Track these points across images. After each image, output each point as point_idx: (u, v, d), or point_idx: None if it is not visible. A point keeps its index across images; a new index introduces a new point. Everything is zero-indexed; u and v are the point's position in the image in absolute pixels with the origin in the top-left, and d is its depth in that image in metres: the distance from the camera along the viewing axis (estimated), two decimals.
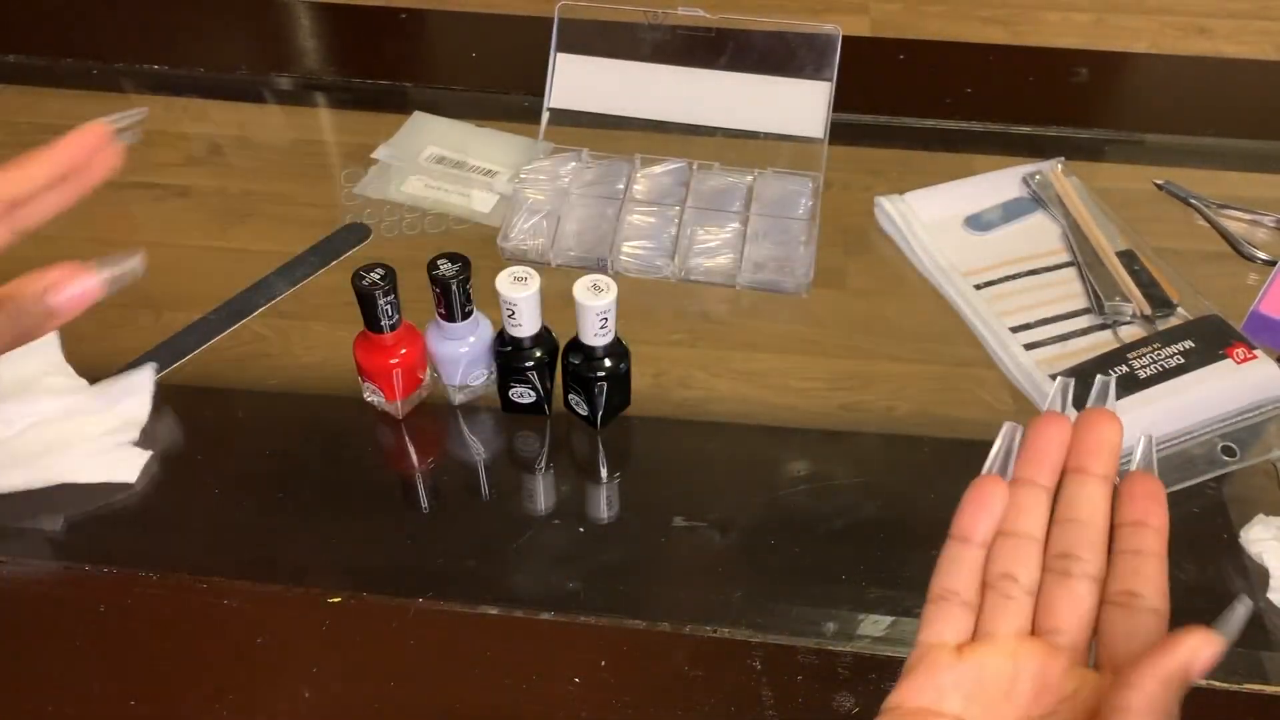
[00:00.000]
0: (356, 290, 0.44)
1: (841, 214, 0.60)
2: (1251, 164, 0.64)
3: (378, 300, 0.44)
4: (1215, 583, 0.43)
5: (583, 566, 0.44)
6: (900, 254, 0.58)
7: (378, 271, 0.44)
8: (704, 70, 0.62)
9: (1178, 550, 0.44)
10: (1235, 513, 0.46)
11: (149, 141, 0.65)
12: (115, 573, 0.43)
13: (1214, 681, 0.40)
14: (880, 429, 0.50)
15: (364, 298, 0.44)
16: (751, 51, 0.61)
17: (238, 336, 0.53)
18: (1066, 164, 0.61)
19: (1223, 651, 0.25)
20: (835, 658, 0.40)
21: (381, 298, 0.44)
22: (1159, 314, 0.52)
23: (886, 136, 0.66)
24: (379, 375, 0.47)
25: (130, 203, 0.61)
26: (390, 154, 0.63)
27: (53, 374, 0.49)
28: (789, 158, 0.61)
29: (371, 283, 0.43)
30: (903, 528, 0.45)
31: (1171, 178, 0.61)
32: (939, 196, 0.59)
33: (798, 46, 0.60)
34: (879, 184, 0.61)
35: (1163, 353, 0.49)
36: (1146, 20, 0.70)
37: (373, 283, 0.43)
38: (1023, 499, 0.29)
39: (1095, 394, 0.31)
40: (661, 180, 0.61)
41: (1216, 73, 0.72)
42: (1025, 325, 0.53)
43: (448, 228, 0.59)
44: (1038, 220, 0.59)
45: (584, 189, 0.60)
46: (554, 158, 0.62)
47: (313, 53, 0.73)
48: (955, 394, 0.51)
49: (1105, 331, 0.52)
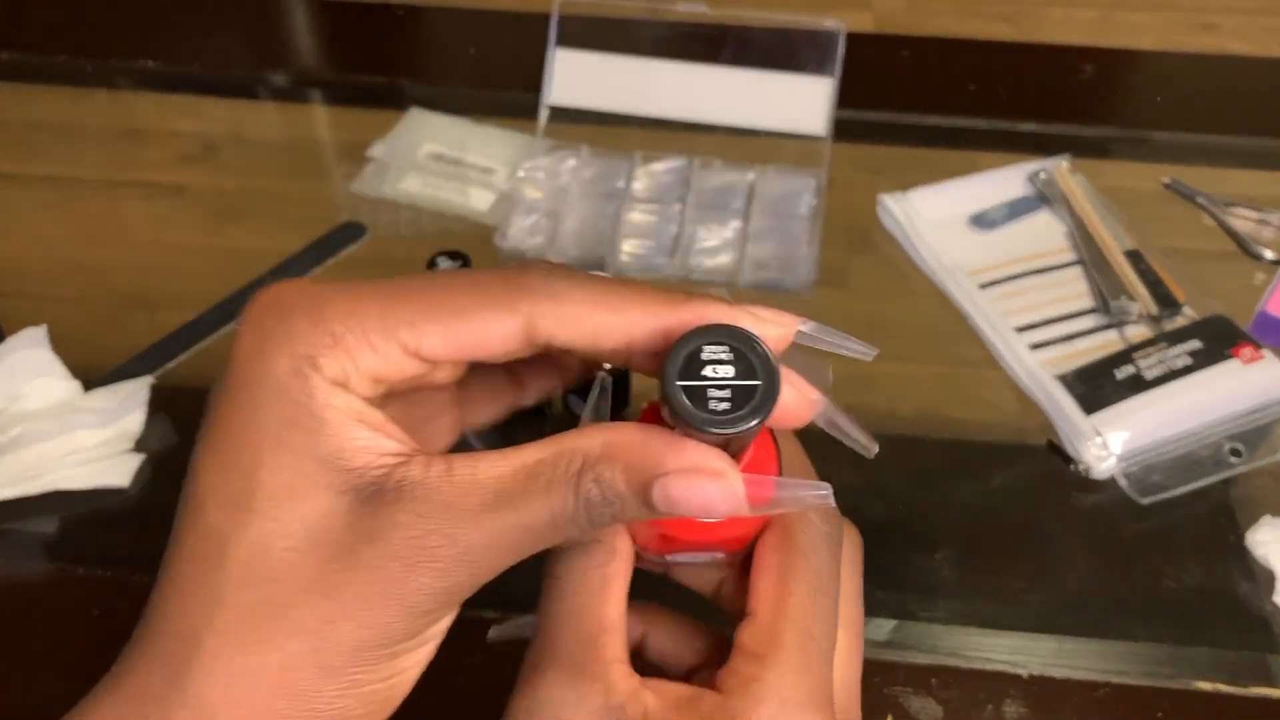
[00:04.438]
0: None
1: (844, 212, 0.59)
2: (1259, 162, 0.63)
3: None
4: (1222, 585, 0.43)
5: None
6: (904, 253, 0.57)
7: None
8: (705, 66, 0.62)
9: (1183, 552, 0.44)
10: (1242, 514, 0.45)
11: (141, 139, 0.64)
12: (108, 576, 0.42)
13: (1219, 685, 0.40)
14: (882, 430, 0.49)
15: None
16: (754, 47, 0.61)
17: (233, 337, 0.52)
18: (1072, 162, 0.60)
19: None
20: None
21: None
22: (1165, 314, 0.51)
23: (890, 134, 0.65)
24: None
25: (122, 201, 0.61)
26: (386, 151, 0.63)
27: (44, 374, 0.48)
28: (791, 155, 0.61)
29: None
30: (905, 529, 0.45)
31: (1178, 176, 0.61)
32: (943, 195, 0.59)
33: (800, 42, 0.60)
34: (882, 182, 0.60)
35: (1169, 353, 0.48)
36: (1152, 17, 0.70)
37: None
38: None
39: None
40: (662, 178, 0.60)
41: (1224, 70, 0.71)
42: (1030, 325, 0.52)
43: (445, 226, 0.59)
44: (1043, 219, 0.58)
45: (583, 186, 0.60)
46: (553, 155, 0.61)
47: (308, 49, 0.72)
48: (959, 394, 0.51)
49: (1111, 331, 0.52)
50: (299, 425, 0.19)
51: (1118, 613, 0.42)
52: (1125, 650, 0.41)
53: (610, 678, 0.22)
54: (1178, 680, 0.40)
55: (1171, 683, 0.40)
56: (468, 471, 0.19)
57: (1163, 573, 0.43)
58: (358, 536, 0.19)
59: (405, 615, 0.19)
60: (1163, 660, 0.40)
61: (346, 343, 0.20)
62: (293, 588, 0.19)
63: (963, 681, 0.39)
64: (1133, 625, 0.41)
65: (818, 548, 0.23)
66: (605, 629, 0.22)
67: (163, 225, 0.59)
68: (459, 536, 0.19)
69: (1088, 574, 0.43)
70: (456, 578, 0.19)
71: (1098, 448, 0.46)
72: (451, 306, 0.20)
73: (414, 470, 0.19)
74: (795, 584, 0.22)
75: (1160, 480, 0.46)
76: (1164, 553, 0.44)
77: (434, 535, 0.19)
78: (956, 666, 0.40)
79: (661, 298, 0.20)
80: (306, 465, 0.19)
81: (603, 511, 0.19)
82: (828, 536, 0.24)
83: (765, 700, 0.21)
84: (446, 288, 0.20)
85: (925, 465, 0.48)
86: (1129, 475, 0.46)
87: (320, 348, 0.20)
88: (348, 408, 0.20)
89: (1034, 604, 0.42)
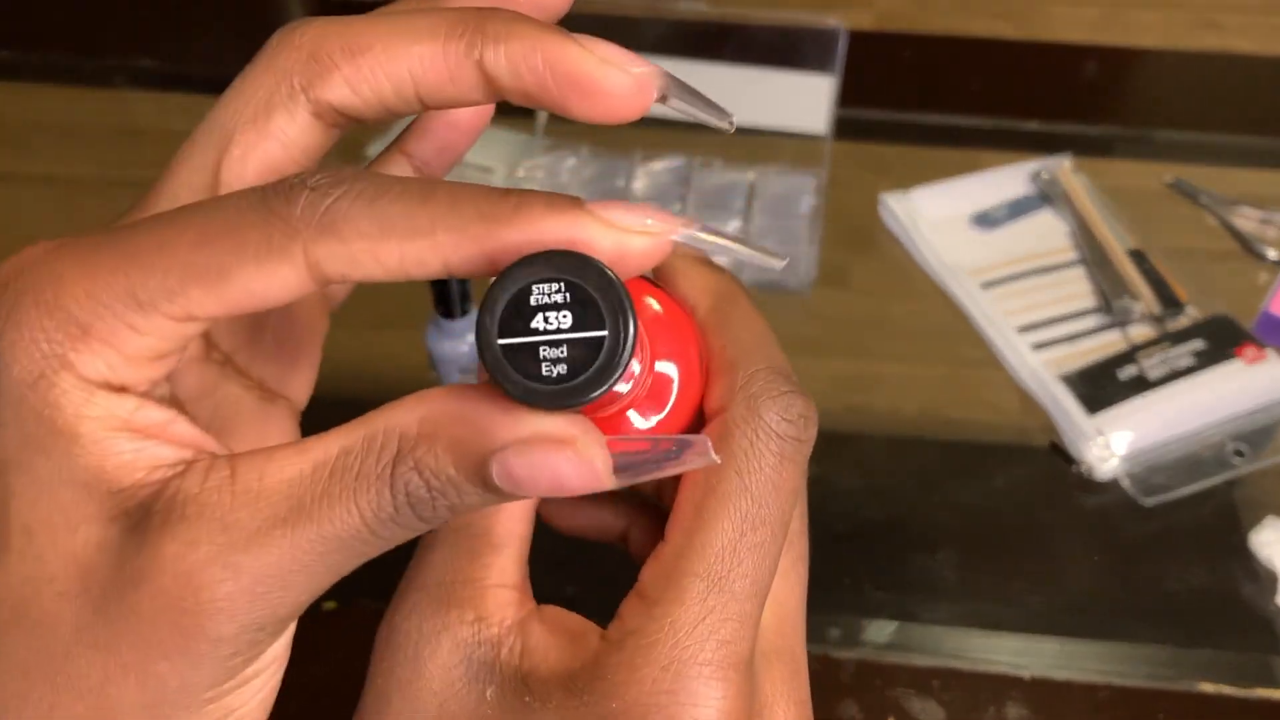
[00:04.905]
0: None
1: (845, 211, 0.59)
2: (1263, 161, 0.63)
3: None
4: (1225, 586, 0.42)
5: (581, 572, 0.43)
6: (905, 252, 0.57)
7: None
8: (706, 64, 0.61)
9: (1186, 553, 0.44)
10: (1245, 515, 0.45)
11: (137, 138, 0.64)
12: None
13: (1222, 687, 0.39)
14: (885, 430, 0.49)
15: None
16: (754, 46, 0.60)
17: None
18: (1075, 160, 0.60)
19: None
20: (838, 665, 0.40)
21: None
22: (1168, 314, 0.51)
23: (891, 132, 0.65)
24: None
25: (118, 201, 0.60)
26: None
27: None
28: (792, 154, 0.60)
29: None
30: (907, 530, 0.44)
31: (1181, 175, 0.61)
32: (945, 194, 0.59)
33: (801, 41, 0.60)
34: (884, 181, 0.60)
35: (1172, 353, 0.48)
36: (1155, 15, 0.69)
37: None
38: None
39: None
40: (661, 177, 0.60)
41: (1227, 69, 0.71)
42: (1032, 325, 0.52)
43: None
44: (1045, 218, 0.58)
45: (583, 186, 0.59)
46: (552, 154, 0.61)
47: None
48: (961, 395, 0.50)
49: (1113, 331, 0.51)
50: (45, 446, 0.15)
51: (1120, 614, 0.42)
52: (1127, 652, 0.41)
53: (486, 605, 0.18)
54: (1180, 682, 0.40)
55: (1174, 684, 0.39)
56: (253, 476, 0.15)
57: (1165, 574, 0.43)
58: (127, 578, 0.15)
59: (201, 664, 0.15)
60: (1165, 662, 0.40)
61: (98, 331, 0.15)
62: (66, 639, 0.15)
63: (964, 683, 0.39)
64: (1135, 627, 0.41)
65: (762, 458, 0.18)
66: (493, 546, 0.19)
67: None
68: (243, 565, 0.15)
69: (1090, 575, 0.43)
70: (254, 614, 0.15)
71: (1100, 448, 0.46)
72: (210, 265, 0.15)
73: (189, 482, 0.15)
74: (718, 509, 0.17)
75: (1163, 481, 0.45)
76: (1166, 554, 0.44)
77: (211, 568, 0.15)
78: (958, 668, 0.40)
79: (479, 210, 0.15)
80: (62, 493, 0.15)
81: (434, 505, 0.15)
82: (781, 441, 0.18)
83: (646, 663, 0.17)
84: (199, 240, 0.15)
85: (926, 466, 0.48)
86: (1131, 476, 0.45)
87: (67, 342, 0.15)
88: (108, 415, 0.16)
89: (1036, 605, 0.42)
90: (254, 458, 0.16)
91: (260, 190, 0.16)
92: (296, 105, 0.18)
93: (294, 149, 0.18)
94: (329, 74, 0.17)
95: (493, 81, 0.17)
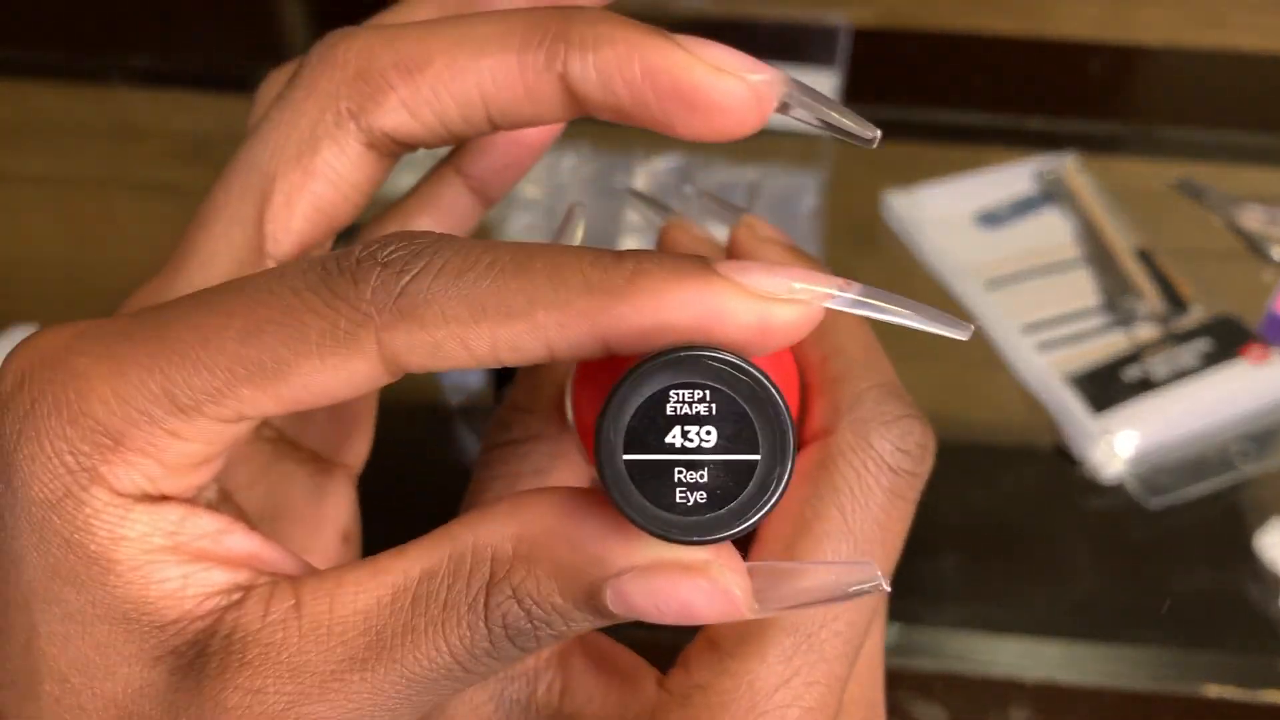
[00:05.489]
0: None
1: (848, 210, 0.59)
2: (1270, 160, 0.63)
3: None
4: (1230, 589, 0.42)
5: None
6: (908, 251, 0.57)
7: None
8: None
9: (1191, 555, 0.44)
10: (1251, 517, 0.45)
11: (132, 136, 0.64)
12: None
13: (1229, 690, 0.39)
14: None
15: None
16: (756, 42, 0.60)
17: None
18: (1079, 158, 0.60)
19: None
20: None
21: None
22: (1173, 313, 0.51)
23: (895, 130, 0.64)
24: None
25: (113, 200, 0.60)
26: None
27: None
28: (794, 152, 0.60)
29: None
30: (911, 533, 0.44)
31: (1187, 173, 0.60)
32: (948, 192, 0.58)
33: (804, 37, 0.59)
34: (886, 179, 0.60)
35: (1177, 353, 0.48)
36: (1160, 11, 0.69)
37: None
38: None
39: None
40: (663, 176, 0.60)
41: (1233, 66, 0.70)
42: (1036, 324, 0.52)
43: None
44: (1049, 217, 0.58)
45: (583, 184, 0.59)
46: (552, 152, 0.61)
47: (302, 44, 0.71)
48: (964, 395, 0.50)
49: (1118, 331, 0.51)
50: (76, 577, 0.13)
51: (1124, 617, 0.41)
52: (1132, 655, 0.40)
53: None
54: (1185, 685, 0.39)
55: (1179, 688, 0.39)
56: (322, 606, 0.13)
57: (1170, 576, 0.43)
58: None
59: None
60: (1170, 665, 0.40)
61: (132, 439, 0.13)
62: None
63: (968, 687, 0.39)
64: (1140, 630, 0.41)
65: (870, 494, 0.16)
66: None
67: (155, 223, 0.59)
68: (317, 716, 0.13)
69: (1094, 578, 0.43)
70: None
71: (1105, 449, 0.45)
72: (263, 361, 0.13)
73: (248, 615, 0.13)
74: (814, 552, 0.15)
75: (1168, 482, 0.45)
76: (1172, 556, 0.43)
77: (282, 718, 0.13)
78: (961, 672, 0.39)
79: (587, 281, 0.13)
80: (98, 630, 0.13)
81: (538, 635, 0.13)
82: (894, 476, 0.16)
83: (729, 706, 0.15)
84: (248, 329, 0.13)
85: (930, 466, 0.47)
86: (1137, 477, 0.45)
87: (95, 454, 0.13)
88: (148, 534, 0.13)
89: (1040, 608, 0.42)
90: (322, 582, 0.14)
91: (320, 265, 0.13)
92: (346, 135, 0.16)
93: (345, 186, 0.16)
94: (382, 96, 0.15)
95: (579, 97, 0.15)
